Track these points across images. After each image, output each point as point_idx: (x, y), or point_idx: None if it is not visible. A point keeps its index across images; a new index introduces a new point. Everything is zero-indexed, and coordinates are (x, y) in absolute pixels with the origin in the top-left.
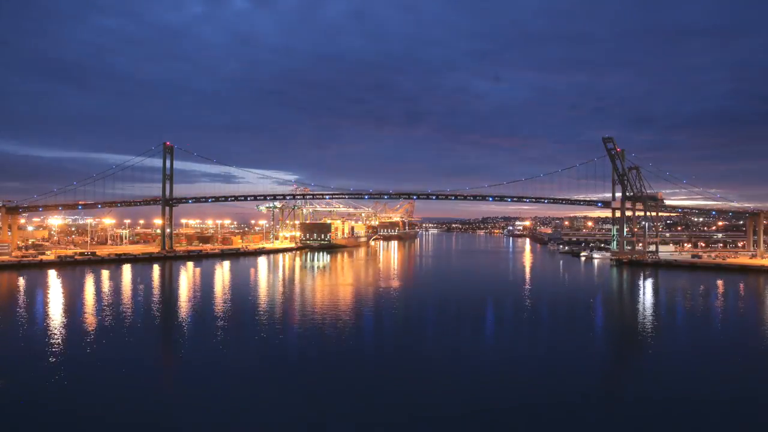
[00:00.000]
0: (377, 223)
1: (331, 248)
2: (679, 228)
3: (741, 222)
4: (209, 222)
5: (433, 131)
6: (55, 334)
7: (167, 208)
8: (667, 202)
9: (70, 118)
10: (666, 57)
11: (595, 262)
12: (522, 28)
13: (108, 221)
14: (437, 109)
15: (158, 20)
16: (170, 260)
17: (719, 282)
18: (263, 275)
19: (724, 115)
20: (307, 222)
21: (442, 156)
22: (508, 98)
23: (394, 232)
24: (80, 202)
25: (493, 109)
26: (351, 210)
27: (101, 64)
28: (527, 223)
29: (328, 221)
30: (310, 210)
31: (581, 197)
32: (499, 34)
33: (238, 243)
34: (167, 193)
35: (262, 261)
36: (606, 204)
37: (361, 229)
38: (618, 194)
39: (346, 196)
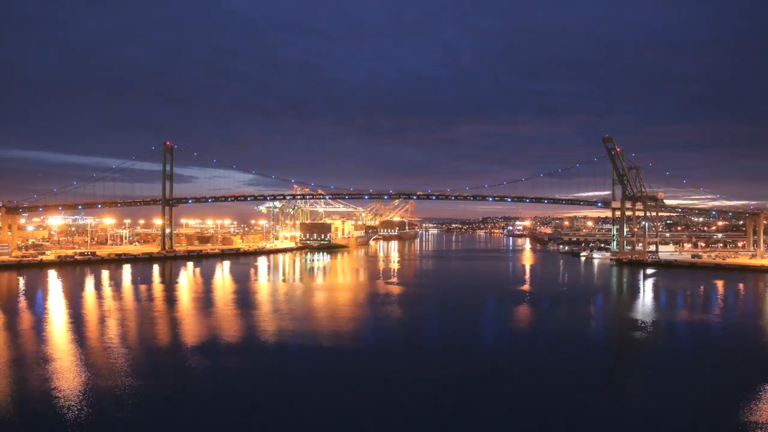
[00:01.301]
0: (377, 223)
1: (331, 248)
2: (679, 228)
3: (741, 222)
4: (209, 222)
5: (333, 125)
6: (55, 334)
7: (167, 208)
8: (667, 202)
9: None
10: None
11: (595, 262)
12: None
13: (108, 221)
14: (312, 98)
15: None
16: (170, 260)
17: (719, 282)
18: (263, 275)
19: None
20: (307, 222)
21: (377, 153)
22: (373, 80)
23: (394, 232)
24: (80, 202)
25: (376, 96)
26: (349, 210)
27: None
28: (527, 223)
29: (328, 221)
30: (307, 210)
31: (581, 197)
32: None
33: (238, 243)
34: (167, 193)
35: (262, 261)
36: (606, 204)
37: (360, 229)
38: (618, 194)
39: (346, 196)
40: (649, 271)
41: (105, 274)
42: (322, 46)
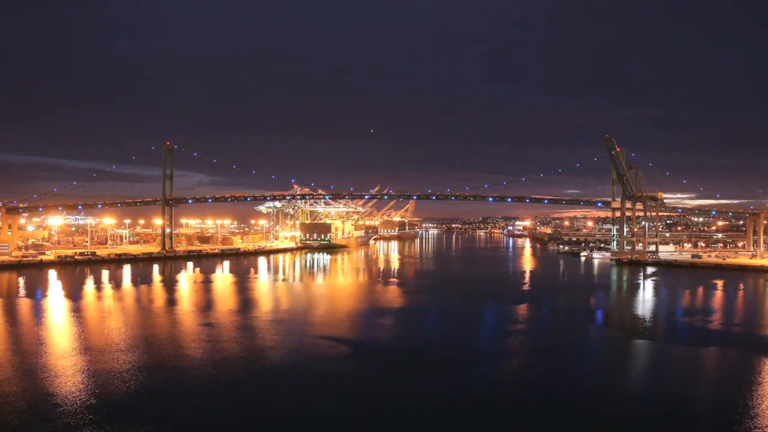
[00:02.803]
0: (377, 222)
1: (331, 248)
2: (679, 228)
3: (741, 222)
4: (209, 222)
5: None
6: (54, 334)
7: (167, 208)
8: (667, 202)
9: None
10: None
11: (595, 262)
12: None
13: (108, 221)
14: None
15: None
16: (170, 260)
17: (719, 282)
18: (263, 275)
19: None
20: (307, 222)
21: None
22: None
23: (394, 232)
24: (80, 202)
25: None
26: (349, 210)
27: None
28: (527, 223)
29: (328, 221)
30: (307, 210)
31: (581, 197)
32: None
33: (238, 243)
34: (167, 192)
35: (262, 261)
36: (606, 204)
37: (360, 229)
38: (618, 194)
39: (346, 196)
40: (649, 270)
41: (105, 274)
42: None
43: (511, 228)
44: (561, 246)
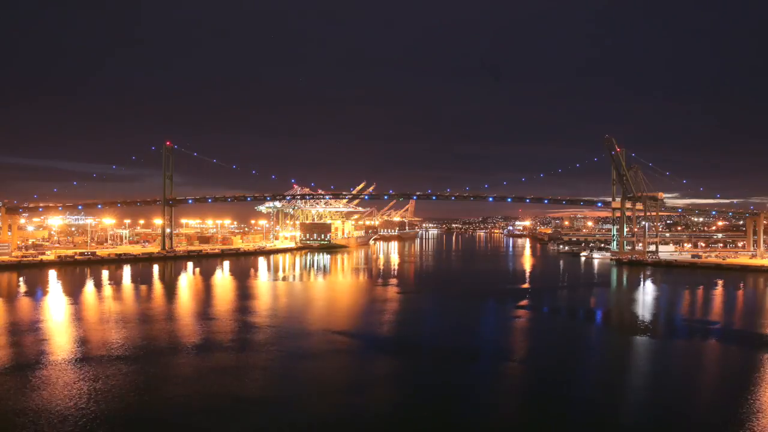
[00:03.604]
0: (378, 223)
1: (331, 248)
2: (679, 228)
3: (741, 222)
4: (209, 222)
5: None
6: (54, 334)
7: (167, 208)
8: (667, 202)
9: None
10: None
11: (595, 262)
12: None
13: (108, 221)
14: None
15: None
16: (170, 260)
17: (719, 282)
18: (263, 275)
19: None
20: (307, 222)
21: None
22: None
23: (395, 232)
24: (80, 202)
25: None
26: (350, 210)
27: None
28: (527, 223)
29: (328, 221)
30: (308, 210)
31: (581, 197)
32: None
33: (238, 243)
34: (167, 192)
35: (262, 261)
36: (606, 204)
37: (360, 229)
38: (618, 194)
39: (347, 196)
40: (649, 270)
41: (105, 274)
42: None
43: (511, 228)
44: (561, 246)
